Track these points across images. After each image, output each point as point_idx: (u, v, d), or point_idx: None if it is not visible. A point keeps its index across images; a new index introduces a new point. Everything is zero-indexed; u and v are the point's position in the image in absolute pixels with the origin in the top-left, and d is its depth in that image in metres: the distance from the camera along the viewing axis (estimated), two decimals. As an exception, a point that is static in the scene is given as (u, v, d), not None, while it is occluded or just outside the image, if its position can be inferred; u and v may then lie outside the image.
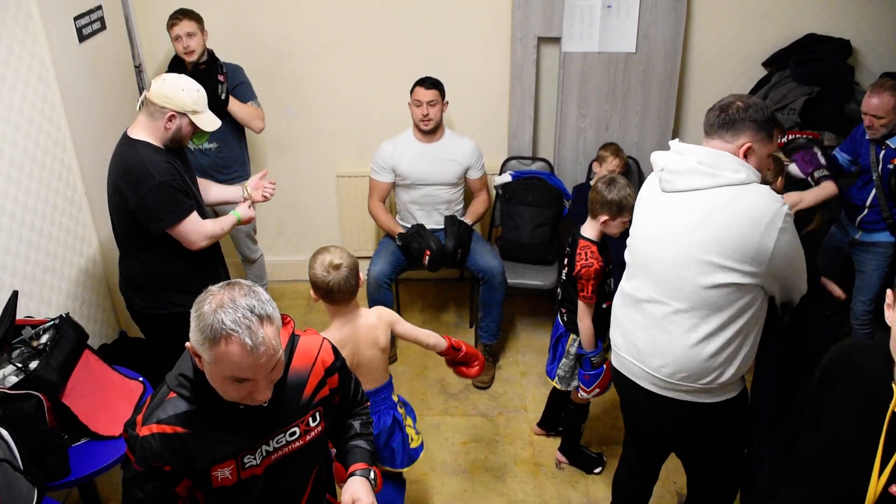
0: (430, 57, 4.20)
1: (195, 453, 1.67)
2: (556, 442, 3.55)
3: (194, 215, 2.80)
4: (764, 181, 3.15)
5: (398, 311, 4.12)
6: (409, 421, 2.79)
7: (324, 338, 1.92)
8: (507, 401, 3.86)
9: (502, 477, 3.41)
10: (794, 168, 3.61)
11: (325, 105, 4.35)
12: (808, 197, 3.43)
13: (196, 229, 2.81)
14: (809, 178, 3.56)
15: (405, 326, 2.70)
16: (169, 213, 2.73)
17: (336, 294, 2.43)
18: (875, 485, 1.55)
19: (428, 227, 3.96)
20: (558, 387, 3.22)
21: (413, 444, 2.77)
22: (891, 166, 3.58)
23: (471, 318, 4.40)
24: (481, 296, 3.92)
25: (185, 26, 3.60)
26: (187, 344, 1.60)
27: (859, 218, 3.74)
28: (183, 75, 2.79)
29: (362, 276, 2.54)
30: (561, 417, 3.50)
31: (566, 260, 3.04)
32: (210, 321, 1.51)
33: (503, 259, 4.04)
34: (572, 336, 3.09)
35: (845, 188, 3.77)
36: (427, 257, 3.77)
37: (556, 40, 4.17)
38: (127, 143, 2.74)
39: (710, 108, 2.25)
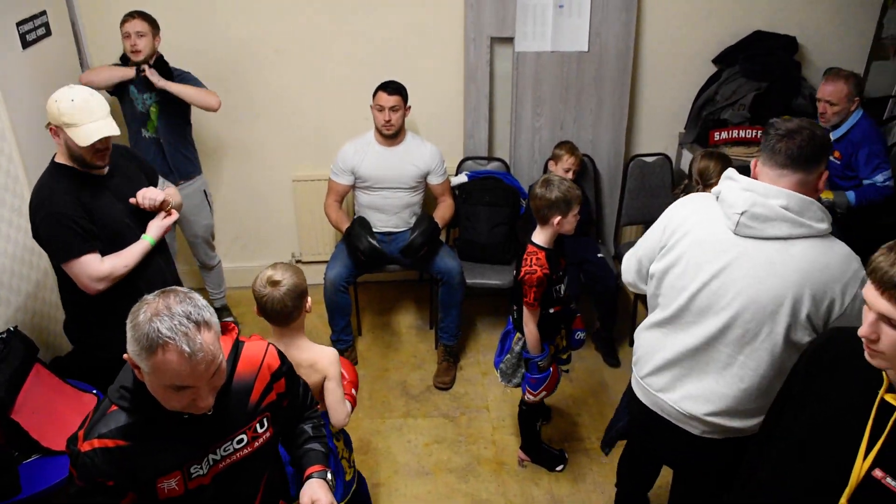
0: (384, 59, 4.19)
1: (139, 466, 1.64)
2: (519, 441, 3.56)
3: (86, 258, 2.54)
4: (707, 181, 3.22)
5: (357, 315, 4.14)
6: (345, 453, 2.67)
7: (269, 343, 1.89)
8: (468, 401, 3.86)
9: (465, 477, 3.41)
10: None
11: (280, 109, 4.31)
12: None
13: (86, 272, 2.55)
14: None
15: (331, 388, 2.43)
16: (58, 248, 2.54)
17: (269, 312, 2.30)
18: (859, 468, 1.57)
19: (385, 229, 3.95)
20: (501, 381, 3.23)
21: (346, 477, 2.65)
22: (832, 158, 3.66)
23: (431, 319, 4.40)
24: (440, 297, 3.92)
25: (137, 25, 3.57)
26: (125, 356, 1.57)
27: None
28: (72, 85, 2.54)
29: (310, 302, 2.37)
30: (537, 429, 3.44)
31: (517, 262, 3.04)
32: (146, 330, 1.48)
33: (461, 259, 4.05)
34: (518, 334, 3.08)
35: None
36: (359, 253, 3.72)
37: (510, 40, 4.18)
38: (50, 162, 2.59)
39: (774, 135, 2.03)
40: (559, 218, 2.83)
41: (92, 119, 2.46)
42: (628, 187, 4.37)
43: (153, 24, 3.62)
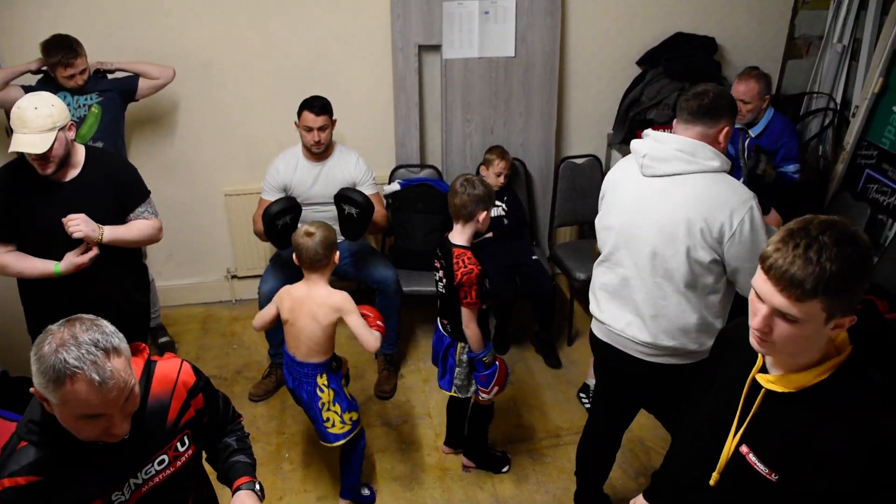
0: (313, 70, 4.18)
1: (56, 500, 1.58)
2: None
3: None
4: None
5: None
6: (335, 408, 2.98)
7: (182, 360, 1.85)
8: (410, 408, 3.86)
9: (409, 485, 3.40)
10: None
11: (209, 123, 4.25)
12: None
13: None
14: None
15: (352, 322, 2.92)
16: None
17: (302, 257, 2.85)
18: (729, 444, 1.66)
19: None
20: (458, 396, 3.16)
21: (333, 430, 2.98)
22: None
23: (370, 328, 4.38)
24: (377, 306, 3.90)
25: (80, 63, 3.57)
26: (32, 389, 1.51)
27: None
28: (37, 93, 2.62)
29: (337, 255, 2.92)
30: (486, 434, 3.45)
31: (441, 272, 2.99)
32: (52, 362, 1.43)
33: (397, 267, 4.05)
34: (460, 345, 3.04)
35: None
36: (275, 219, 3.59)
37: (437, 48, 4.21)
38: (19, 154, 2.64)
39: (685, 97, 2.42)
40: (484, 213, 2.86)
41: (21, 130, 2.52)
42: (560, 189, 4.43)
43: (80, 48, 3.57)
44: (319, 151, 3.76)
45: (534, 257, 4.12)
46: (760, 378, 1.58)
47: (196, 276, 4.67)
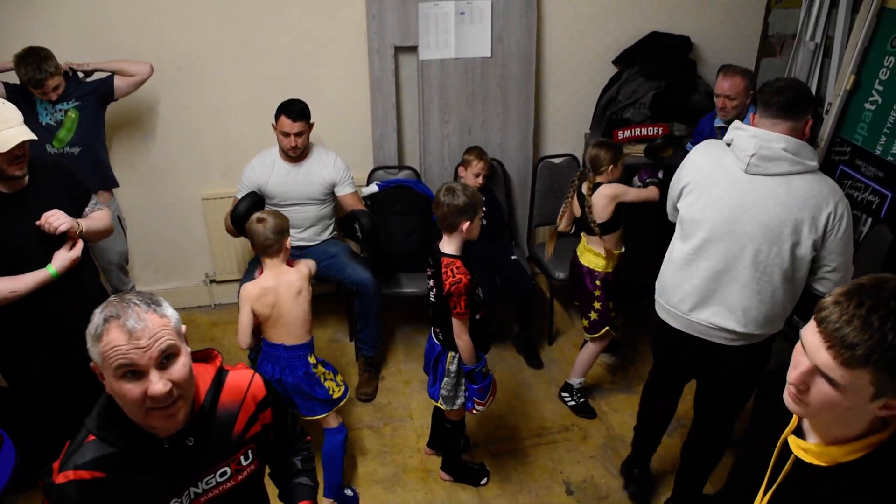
0: (289, 73, 4.16)
1: (116, 499, 1.56)
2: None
3: None
4: (598, 169, 3.44)
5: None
6: (329, 375, 3.11)
7: (254, 372, 1.82)
8: (391, 411, 3.85)
9: (392, 487, 3.39)
10: (636, 179, 3.76)
11: (185, 127, 4.23)
12: (632, 193, 3.53)
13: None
14: (641, 183, 3.71)
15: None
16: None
17: (255, 244, 2.94)
18: None
19: (298, 244, 3.92)
20: (443, 407, 3.12)
21: (336, 395, 3.10)
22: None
23: (350, 331, 4.37)
24: (357, 308, 3.90)
25: (51, 83, 3.51)
26: (91, 364, 1.51)
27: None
28: None
29: (289, 241, 3.01)
30: (460, 447, 3.44)
31: (431, 281, 2.96)
32: (96, 320, 1.47)
33: (377, 269, 4.04)
34: (451, 354, 3.01)
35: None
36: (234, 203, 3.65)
37: (414, 49, 4.21)
38: None
39: (769, 92, 2.48)
40: (468, 223, 2.79)
41: (7, 126, 2.44)
42: (538, 188, 4.44)
43: (50, 66, 3.50)
44: (296, 155, 3.76)
45: (513, 257, 4.12)
46: (792, 443, 1.45)
47: (174, 280, 4.63)
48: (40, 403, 2.90)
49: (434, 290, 2.93)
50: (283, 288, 2.94)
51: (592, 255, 3.59)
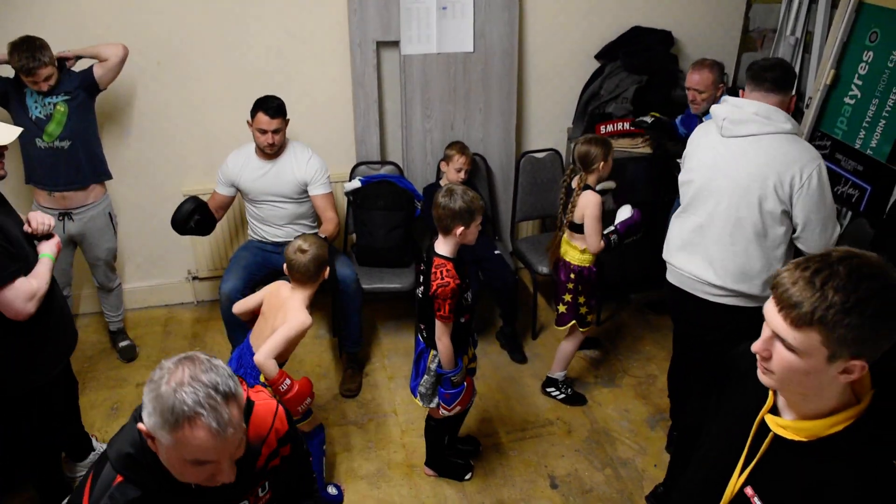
0: (270, 68, 4.14)
1: None
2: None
3: (20, 280, 2.44)
4: (589, 166, 3.33)
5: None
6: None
7: (278, 403, 1.79)
8: (375, 406, 3.84)
9: (377, 483, 3.39)
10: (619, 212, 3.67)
11: (166, 123, 4.19)
12: (594, 227, 3.45)
13: (22, 293, 2.43)
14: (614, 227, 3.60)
15: (279, 332, 2.84)
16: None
17: (293, 272, 2.91)
18: (734, 483, 1.57)
19: (276, 240, 3.90)
20: (419, 404, 3.09)
21: None
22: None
23: (333, 328, 4.36)
24: (339, 305, 3.89)
25: (43, 73, 3.46)
26: (140, 426, 1.46)
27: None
28: None
29: (327, 271, 2.98)
30: (442, 444, 3.42)
31: (421, 277, 2.90)
32: (171, 403, 1.39)
33: (360, 265, 4.03)
34: (433, 352, 2.97)
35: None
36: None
37: (395, 44, 4.19)
38: None
39: (759, 67, 2.72)
40: (462, 228, 2.74)
41: None
42: (521, 183, 4.44)
43: (44, 56, 3.46)
44: (272, 152, 3.74)
45: (496, 252, 4.12)
46: (770, 421, 1.48)
47: (157, 278, 4.60)
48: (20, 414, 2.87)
49: (422, 287, 2.90)
50: (283, 307, 2.92)
51: (571, 248, 3.58)
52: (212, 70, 4.12)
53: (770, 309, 1.36)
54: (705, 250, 2.85)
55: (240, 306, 3.10)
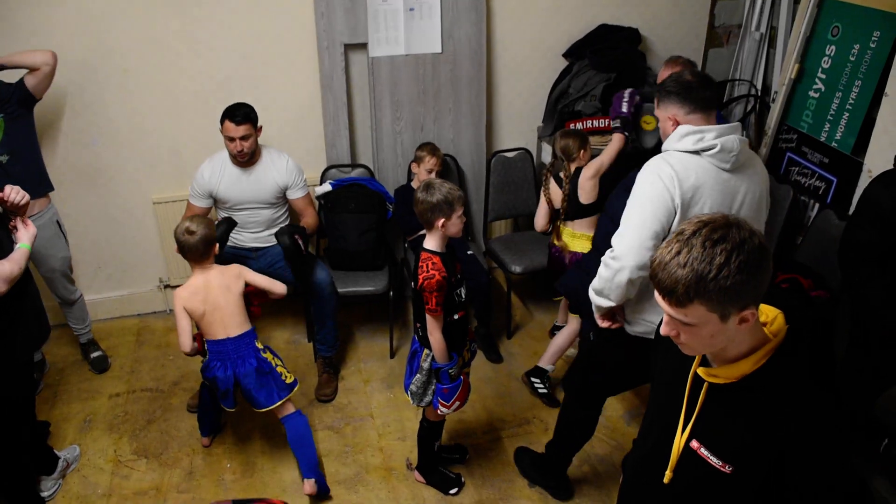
0: (237, 73, 4.11)
1: None
2: (407, 445, 3.55)
3: None
4: (570, 157, 3.55)
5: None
6: (278, 362, 3.29)
7: None
8: (352, 410, 3.83)
9: (355, 487, 3.37)
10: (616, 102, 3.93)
11: (133, 131, 4.15)
12: (605, 157, 3.69)
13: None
14: (610, 122, 3.95)
15: (254, 278, 3.27)
16: None
17: (187, 254, 3.11)
18: (678, 440, 1.63)
19: (253, 245, 3.88)
20: (411, 402, 3.07)
21: (287, 380, 3.26)
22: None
23: (308, 332, 4.33)
24: (314, 309, 3.88)
25: None
26: None
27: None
28: None
29: (217, 247, 3.20)
30: (434, 450, 3.40)
31: (412, 273, 2.93)
32: None
33: (333, 269, 4.02)
34: (426, 351, 2.96)
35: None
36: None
37: (363, 46, 4.18)
38: None
39: (697, 87, 2.47)
40: (443, 220, 2.75)
41: None
42: (493, 183, 4.45)
43: None
44: (244, 160, 3.71)
45: (469, 252, 4.13)
46: (702, 372, 1.57)
47: (128, 287, 4.56)
48: None
49: (413, 283, 2.92)
50: (213, 282, 3.14)
51: (584, 239, 3.68)
52: (178, 76, 4.08)
53: (657, 297, 1.45)
54: None
55: (185, 341, 3.17)
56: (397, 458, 3.53)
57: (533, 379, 3.91)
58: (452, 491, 3.36)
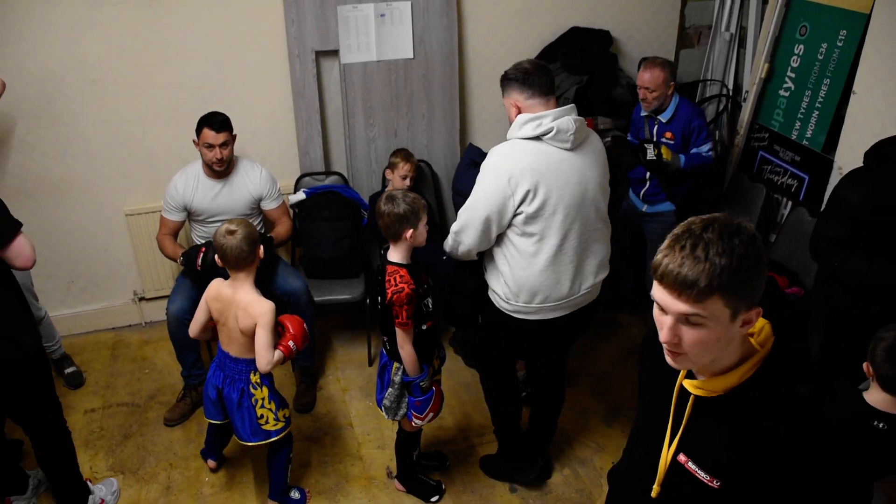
0: (208, 81, 4.07)
1: None
2: (386, 453, 3.53)
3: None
4: None
5: (207, 347, 3.98)
6: (270, 405, 3.00)
7: None
8: (331, 420, 3.80)
9: (335, 497, 3.35)
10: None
11: (104, 141, 4.09)
12: None
13: (29, 244, 2.65)
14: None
15: (258, 334, 2.82)
16: (9, 223, 2.60)
17: (227, 257, 2.80)
18: (666, 454, 1.61)
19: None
20: (385, 417, 3.06)
21: (267, 427, 3.00)
22: (664, 140, 3.87)
23: (286, 341, 4.30)
24: (289, 319, 3.84)
25: None
26: None
27: (643, 191, 4.02)
28: None
29: (262, 250, 2.90)
30: (413, 459, 3.39)
31: (378, 287, 2.88)
32: None
33: (309, 277, 3.99)
34: (396, 364, 2.95)
35: (628, 167, 4.07)
36: (201, 255, 3.49)
37: (335, 53, 4.16)
38: None
39: (535, 74, 2.72)
40: (411, 231, 2.74)
41: None
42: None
43: None
44: (222, 168, 3.67)
45: (444, 257, 4.10)
46: (688, 384, 1.54)
47: (102, 300, 4.50)
48: None
49: (379, 298, 2.88)
50: (232, 306, 2.87)
51: None
52: (150, 86, 4.03)
53: (665, 298, 1.39)
54: (593, 255, 2.92)
55: (194, 329, 3.03)
56: (377, 466, 3.51)
57: None
58: (433, 498, 3.34)
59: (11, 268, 2.68)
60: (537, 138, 2.65)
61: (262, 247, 2.88)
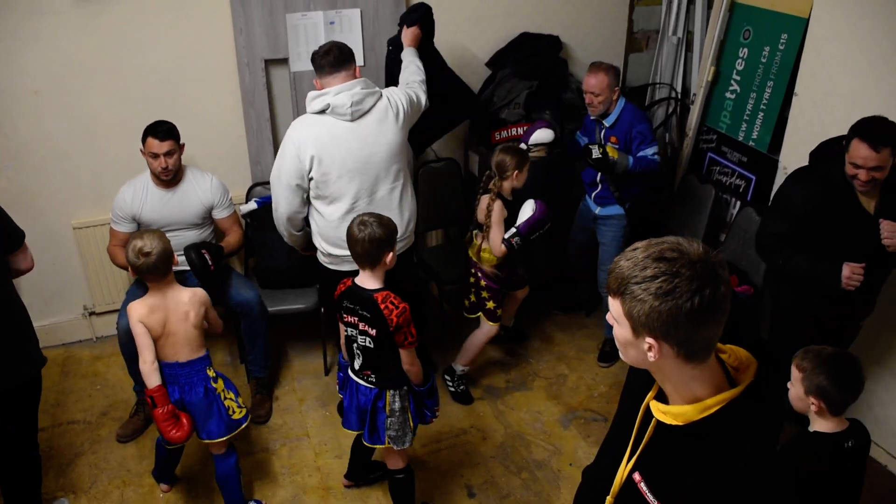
0: (156, 92, 4.01)
1: None
2: (344, 462, 3.50)
3: None
4: (503, 173, 3.58)
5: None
6: (230, 395, 3.09)
7: None
8: (287, 430, 3.77)
9: (292, 509, 3.33)
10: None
11: (49, 154, 4.00)
12: (496, 229, 3.62)
13: (29, 251, 2.92)
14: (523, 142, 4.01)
15: (213, 314, 3.14)
16: (16, 229, 2.84)
17: (146, 276, 2.89)
18: (623, 469, 1.59)
19: (178, 269, 3.78)
20: (394, 447, 2.90)
21: (235, 416, 3.06)
22: (610, 143, 3.91)
23: (239, 353, 4.24)
24: (244, 329, 3.80)
25: None
26: None
27: (594, 194, 4.06)
28: None
29: (177, 259, 3.06)
30: (369, 465, 3.37)
31: (362, 326, 2.76)
32: None
33: (263, 287, 3.95)
34: (389, 392, 2.84)
35: (582, 170, 4.11)
36: (207, 255, 3.56)
37: (285, 61, 4.13)
38: None
39: (319, 57, 3.14)
40: (391, 254, 2.70)
41: None
42: (421, 194, 4.43)
43: None
44: (168, 178, 3.62)
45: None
46: (653, 407, 1.50)
47: (50, 316, 4.40)
48: None
49: (370, 333, 2.75)
50: (172, 305, 2.94)
51: (486, 252, 3.66)
52: (94, 97, 3.95)
53: (617, 309, 1.41)
54: (398, 211, 3.35)
55: (148, 357, 2.90)
56: (335, 476, 3.48)
57: (445, 377, 3.98)
58: None
59: (15, 272, 2.87)
60: (322, 112, 3.10)
61: (175, 256, 3.01)
